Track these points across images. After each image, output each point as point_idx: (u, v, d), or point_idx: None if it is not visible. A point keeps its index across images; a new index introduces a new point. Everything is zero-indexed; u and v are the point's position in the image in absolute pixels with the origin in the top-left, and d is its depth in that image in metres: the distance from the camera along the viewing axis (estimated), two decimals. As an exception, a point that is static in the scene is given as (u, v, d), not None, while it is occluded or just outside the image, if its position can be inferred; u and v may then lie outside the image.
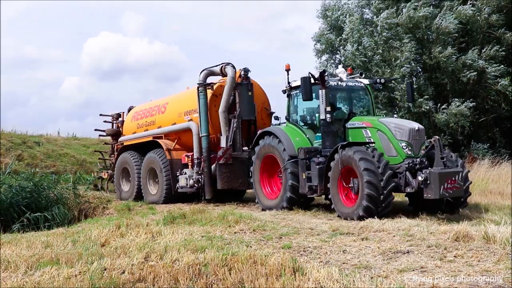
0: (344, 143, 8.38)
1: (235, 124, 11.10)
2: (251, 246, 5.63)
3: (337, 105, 9.72)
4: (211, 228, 7.01)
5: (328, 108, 8.87)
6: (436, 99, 16.21)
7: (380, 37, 16.05)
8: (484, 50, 15.78)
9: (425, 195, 7.36)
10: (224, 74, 11.62)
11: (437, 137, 8.07)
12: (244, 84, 11.33)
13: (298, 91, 9.67)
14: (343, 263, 4.79)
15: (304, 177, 9.02)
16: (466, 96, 15.83)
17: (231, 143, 11.04)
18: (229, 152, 10.92)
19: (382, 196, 7.51)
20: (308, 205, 9.71)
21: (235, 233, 6.61)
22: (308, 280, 4.17)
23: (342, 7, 18.81)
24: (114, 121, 15.98)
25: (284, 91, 10.38)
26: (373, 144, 8.46)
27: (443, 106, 15.38)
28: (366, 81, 9.92)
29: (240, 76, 11.40)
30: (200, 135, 11.48)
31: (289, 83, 10.13)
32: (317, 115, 9.46)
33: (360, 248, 5.41)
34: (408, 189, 7.73)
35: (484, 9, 15.41)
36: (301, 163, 9.14)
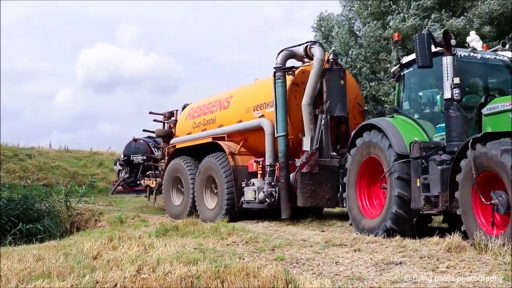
0: (479, 135, 5.72)
1: (322, 121, 8.69)
2: (243, 258, 5.62)
3: (468, 85, 7.11)
4: (203, 240, 6.99)
5: (456, 80, 6.28)
6: None
7: (368, 50, 16.16)
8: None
9: None
10: (309, 57, 9.38)
11: None
12: (334, 70, 9.10)
13: (411, 69, 7.41)
14: (336, 274, 4.79)
15: (418, 185, 6.36)
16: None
17: (317, 146, 8.60)
18: (315, 158, 8.42)
19: None
20: (423, 228, 6.91)
21: (227, 245, 6.59)
22: (301, 292, 4.17)
23: (334, 19, 18.97)
24: (166, 121, 13.88)
25: (392, 75, 8.17)
26: None
27: None
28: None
29: (328, 60, 9.19)
30: (276, 135, 9.18)
31: (398, 60, 7.87)
32: (438, 98, 6.75)
33: (353, 259, 5.41)
34: None
35: (476, 20, 15.57)
36: (414, 165, 6.47)
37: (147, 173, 15.25)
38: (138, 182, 21.59)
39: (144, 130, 14.44)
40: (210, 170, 10.44)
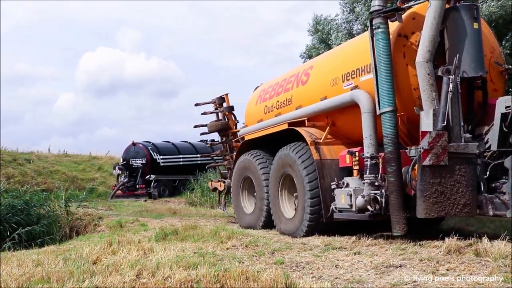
0: None
1: (450, 86, 5.86)
2: (243, 262, 5.61)
3: None
4: (203, 244, 6.98)
5: None
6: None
7: None
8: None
9: None
10: None
11: None
12: (463, 9, 6.28)
13: None
14: (336, 278, 4.79)
15: None
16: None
17: (443, 124, 5.78)
18: (442, 143, 5.66)
19: None
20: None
21: (227, 249, 6.59)
22: (301, 296, 4.16)
23: (332, 22, 19.01)
24: (218, 110, 11.54)
25: None
26: None
27: None
28: None
29: None
30: (378, 112, 6.42)
31: None
32: None
33: (353, 262, 5.41)
34: None
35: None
36: None
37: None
38: (137, 185, 21.58)
39: (195, 126, 11.95)
40: (286, 166, 7.98)
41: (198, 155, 27.82)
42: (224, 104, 11.47)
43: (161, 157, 25.58)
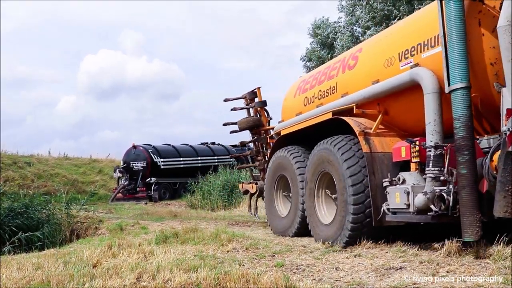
0: None
1: None
2: (243, 265, 5.61)
3: None
4: (203, 247, 6.98)
5: None
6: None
7: None
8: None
9: None
10: None
11: None
12: None
13: None
14: (336, 280, 4.78)
15: None
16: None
17: None
18: None
19: None
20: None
21: (228, 251, 6.58)
22: (301, 298, 4.15)
23: (332, 25, 19.07)
24: (249, 106, 10.65)
25: None
26: None
27: None
28: None
29: None
30: (447, 91, 5.31)
31: None
32: None
33: (353, 265, 5.40)
34: None
35: None
36: None
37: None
38: (137, 188, 21.57)
39: (224, 124, 10.94)
40: (324, 164, 6.97)
41: (199, 158, 27.86)
42: (256, 99, 10.49)
43: (162, 159, 25.62)
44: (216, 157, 28.42)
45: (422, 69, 5.98)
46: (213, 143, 30.65)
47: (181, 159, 26.81)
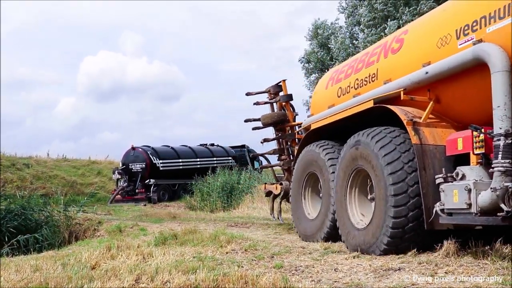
0: None
1: None
2: (242, 266, 5.60)
3: None
4: (202, 248, 6.97)
5: None
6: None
7: None
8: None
9: None
10: None
11: None
12: None
13: None
14: (335, 281, 4.78)
15: None
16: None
17: None
18: None
19: None
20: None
21: (226, 253, 6.58)
22: (300, 300, 4.15)
23: (332, 26, 19.08)
24: (273, 100, 9.90)
25: None
26: None
27: None
28: None
29: None
30: None
31: None
32: None
33: (352, 266, 5.40)
34: None
35: None
36: None
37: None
38: (136, 190, 21.54)
39: (246, 121, 10.18)
40: (358, 159, 6.21)
41: (198, 159, 27.85)
42: (281, 93, 9.69)
43: (161, 161, 25.61)
44: (215, 159, 28.43)
45: (488, 44, 5.20)
46: (212, 145, 30.67)
47: (180, 160, 26.80)
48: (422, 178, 5.39)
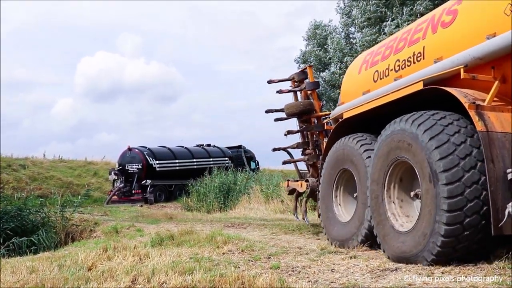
0: None
1: None
2: (239, 267, 5.59)
3: None
4: (199, 249, 6.96)
5: None
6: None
7: None
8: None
9: None
10: None
11: None
12: None
13: None
14: (332, 282, 4.78)
15: None
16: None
17: None
18: None
19: None
20: None
21: (223, 254, 6.57)
22: (297, 300, 4.15)
23: (327, 28, 19.12)
24: (299, 88, 8.99)
25: None
26: None
27: None
28: None
29: None
30: None
31: None
32: None
33: (349, 266, 5.40)
34: None
35: None
36: None
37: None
38: (133, 191, 21.49)
39: (267, 111, 9.22)
40: (397, 151, 5.22)
41: (194, 160, 27.82)
42: (307, 81, 8.79)
43: (157, 162, 25.58)
44: (211, 159, 28.42)
45: None
46: (209, 145, 30.66)
47: (177, 161, 26.78)
48: (490, 172, 4.38)
